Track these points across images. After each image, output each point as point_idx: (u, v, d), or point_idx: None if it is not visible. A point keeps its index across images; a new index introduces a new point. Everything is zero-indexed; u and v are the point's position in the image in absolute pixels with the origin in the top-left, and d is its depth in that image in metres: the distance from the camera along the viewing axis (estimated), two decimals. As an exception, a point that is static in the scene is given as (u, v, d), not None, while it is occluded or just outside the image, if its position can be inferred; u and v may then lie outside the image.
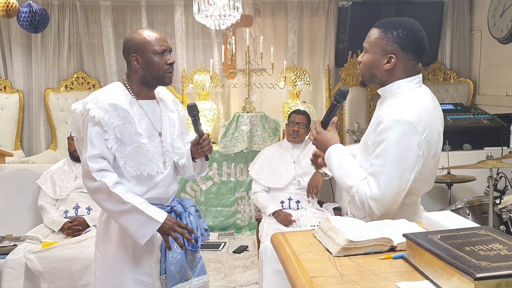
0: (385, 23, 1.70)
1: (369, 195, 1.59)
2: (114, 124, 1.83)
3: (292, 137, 3.55)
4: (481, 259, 0.97)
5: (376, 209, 1.58)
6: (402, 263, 1.17)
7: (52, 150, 5.17)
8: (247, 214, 4.49)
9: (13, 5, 4.12)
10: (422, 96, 1.67)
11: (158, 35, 1.94)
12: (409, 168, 1.57)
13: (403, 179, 1.57)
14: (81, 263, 2.71)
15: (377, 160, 1.60)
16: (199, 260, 2.14)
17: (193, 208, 2.11)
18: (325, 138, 1.81)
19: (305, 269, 1.16)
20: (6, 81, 5.22)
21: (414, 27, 1.68)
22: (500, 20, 4.71)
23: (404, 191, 1.59)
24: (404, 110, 1.58)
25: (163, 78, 1.94)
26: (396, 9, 5.39)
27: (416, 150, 1.56)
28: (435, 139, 1.63)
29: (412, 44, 1.67)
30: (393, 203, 1.58)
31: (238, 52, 5.09)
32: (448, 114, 4.27)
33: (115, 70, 5.35)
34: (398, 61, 1.67)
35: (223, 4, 3.96)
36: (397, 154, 1.56)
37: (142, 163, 1.90)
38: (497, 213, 2.78)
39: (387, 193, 1.57)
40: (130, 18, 5.36)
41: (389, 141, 1.57)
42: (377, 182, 1.58)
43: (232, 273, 3.57)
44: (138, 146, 1.89)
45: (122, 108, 1.86)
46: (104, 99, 1.85)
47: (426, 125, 1.58)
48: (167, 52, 1.93)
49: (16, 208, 3.38)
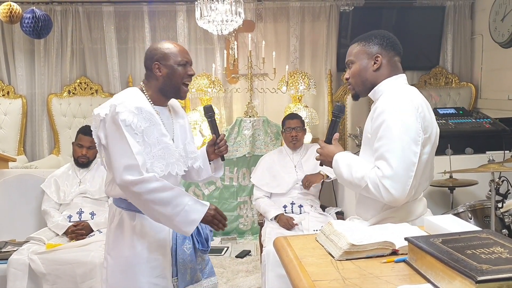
0: (361, 37, 1.88)
1: (382, 175, 1.61)
2: (142, 127, 1.87)
3: (292, 144, 3.54)
4: (483, 262, 0.97)
5: (392, 187, 1.59)
6: (404, 266, 1.18)
7: (55, 155, 5.19)
8: (250, 219, 4.49)
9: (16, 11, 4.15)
10: (411, 88, 1.81)
11: (181, 48, 2.02)
12: (413, 140, 1.62)
13: (411, 152, 1.62)
14: (84, 267, 2.72)
15: (381, 141, 1.65)
16: (208, 261, 2.18)
17: None
18: (330, 149, 1.88)
19: (308, 273, 1.17)
20: (9, 87, 5.24)
21: (386, 32, 1.87)
22: (501, 25, 4.72)
23: (414, 165, 1.62)
24: (396, 93, 1.71)
25: (180, 90, 2.01)
26: (397, 13, 5.40)
27: (415, 123, 1.64)
28: (429, 119, 1.72)
29: (390, 42, 1.83)
30: (407, 178, 1.60)
31: (240, 57, 5.11)
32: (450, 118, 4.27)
33: (117, 75, 5.37)
34: (384, 58, 1.82)
35: (225, 9, 3.98)
36: (399, 130, 1.62)
37: (170, 163, 1.94)
38: (499, 217, 2.78)
39: (399, 167, 1.60)
40: (132, 24, 5.38)
41: (388, 120, 1.64)
42: (387, 161, 1.62)
43: (234, 278, 3.57)
44: (165, 147, 1.94)
45: (147, 111, 1.91)
46: (131, 102, 1.89)
47: (419, 103, 1.69)
48: (188, 64, 2.02)
49: (19, 213, 3.39)
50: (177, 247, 2.01)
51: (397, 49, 1.84)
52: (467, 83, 5.47)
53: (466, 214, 2.90)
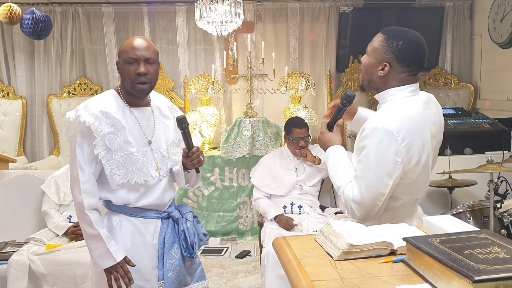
0: (390, 31, 1.74)
1: (351, 197, 1.68)
2: (104, 131, 1.85)
3: (300, 154, 3.45)
4: (480, 262, 0.98)
5: (357, 211, 1.67)
6: (402, 266, 1.19)
7: (55, 156, 5.20)
8: (249, 219, 4.49)
9: (16, 12, 4.16)
10: (410, 106, 1.69)
11: (136, 43, 1.90)
12: (387, 173, 1.63)
13: (381, 184, 1.64)
14: (84, 268, 2.72)
15: (359, 165, 1.69)
16: (198, 265, 2.15)
17: (190, 214, 2.11)
18: (327, 138, 1.88)
19: (307, 273, 1.17)
20: (9, 88, 5.25)
21: (416, 41, 1.72)
22: (500, 25, 4.73)
23: (383, 196, 1.65)
24: (385, 119, 1.63)
25: (133, 88, 1.91)
26: (397, 14, 5.41)
27: (394, 157, 1.61)
28: (419, 147, 1.65)
29: (409, 57, 1.70)
30: (373, 206, 1.66)
31: (240, 58, 5.12)
32: (449, 119, 4.28)
33: (117, 76, 5.36)
34: (392, 70, 1.71)
35: (225, 10, 3.99)
36: (376, 161, 1.62)
37: (129, 172, 1.91)
38: (498, 217, 2.79)
39: (367, 197, 1.65)
40: (132, 25, 5.39)
41: (369, 148, 1.64)
42: (359, 186, 1.67)
43: (234, 278, 3.57)
44: (126, 155, 1.90)
45: (112, 116, 1.88)
46: (96, 106, 1.87)
47: (407, 133, 1.61)
48: (140, 61, 1.89)
49: (19, 213, 3.39)
50: (165, 251, 2.00)
51: (414, 64, 1.71)
52: (466, 83, 5.48)
53: (465, 215, 2.91)
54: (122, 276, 1.87)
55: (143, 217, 1.99)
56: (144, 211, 1.99)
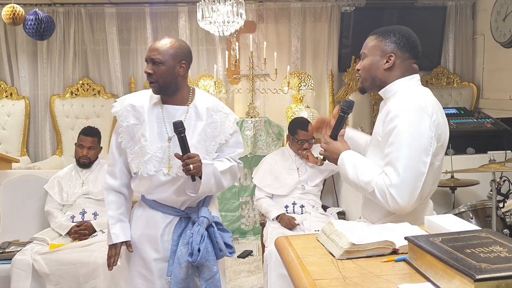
0: (380, 30, 1.80)
1: (389, 183, 1.57)
2: (129, 122, 2.01)
3: (303, 155, 3.43)
4: (481, 261, 0.98)
5: (398, 196, 1.55)
6: (404, 265, 1.19)
7: (58, 156, 5.21)
8: (252, 219, 4.50)
9: (19, 13, 4.17)
10: (424, 90, 1.73)
11: (152, 44, 2.05)
12: (424, 149, 1.57)
13: (421, 161, 1.57)
14: (87, 267, 2.73)
15: (391, 148, 1.60)
16: (215, 273, 2.05)
17: (205, 219, 2.04)
18: (336, 147, 1.80)
19: (309, 272, 1.18)
20: (13, 88, 5.27)
21: (407, 31, 1.78)
22: (503, 24, 4.72)
23: (423, 175, 1.57)
24: (411, 97, 1.65)
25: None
26: (399, 14, 5.41)
27: (428, 131, 1.58)
28: (443, 125, 1.67)
29: (408, 43, 1.75)
30: (414, 188, 1.56)
31: (242, 58, 5.13)
32: (451, 118, 4.27)
33: (120, 76, 5.39)
34: (397, 59, 1.74)
35: (227, 10, 3.99)
36: (411, 137, 1.57)
37: (141, 163, 1.99)
38: (501, 216, 2.78)
39: (407, 177, 1.55)
40: (134, 25, 5.41)
41: (400, 126, 1.59)
42: (395, 169, 1.57)
43: (237, 278, 3.58)
44: (142, 146, 1.99)
45: (138, 110, 2.02)
46: (128, 99, 2.07)
47: (434, 109, 1.63)
48: (148, 62, 2.01)
49: (23, 213, 3.39)
50: (177, 249, 2.02)
51: (414, 51, 1.75)
52: (469, 83, 5.48)
53: (467, 214, 2.91)
54: (110, 256, 2.08)
55: (162, 212, 2.08)
56: (162, 206, 2.07)
